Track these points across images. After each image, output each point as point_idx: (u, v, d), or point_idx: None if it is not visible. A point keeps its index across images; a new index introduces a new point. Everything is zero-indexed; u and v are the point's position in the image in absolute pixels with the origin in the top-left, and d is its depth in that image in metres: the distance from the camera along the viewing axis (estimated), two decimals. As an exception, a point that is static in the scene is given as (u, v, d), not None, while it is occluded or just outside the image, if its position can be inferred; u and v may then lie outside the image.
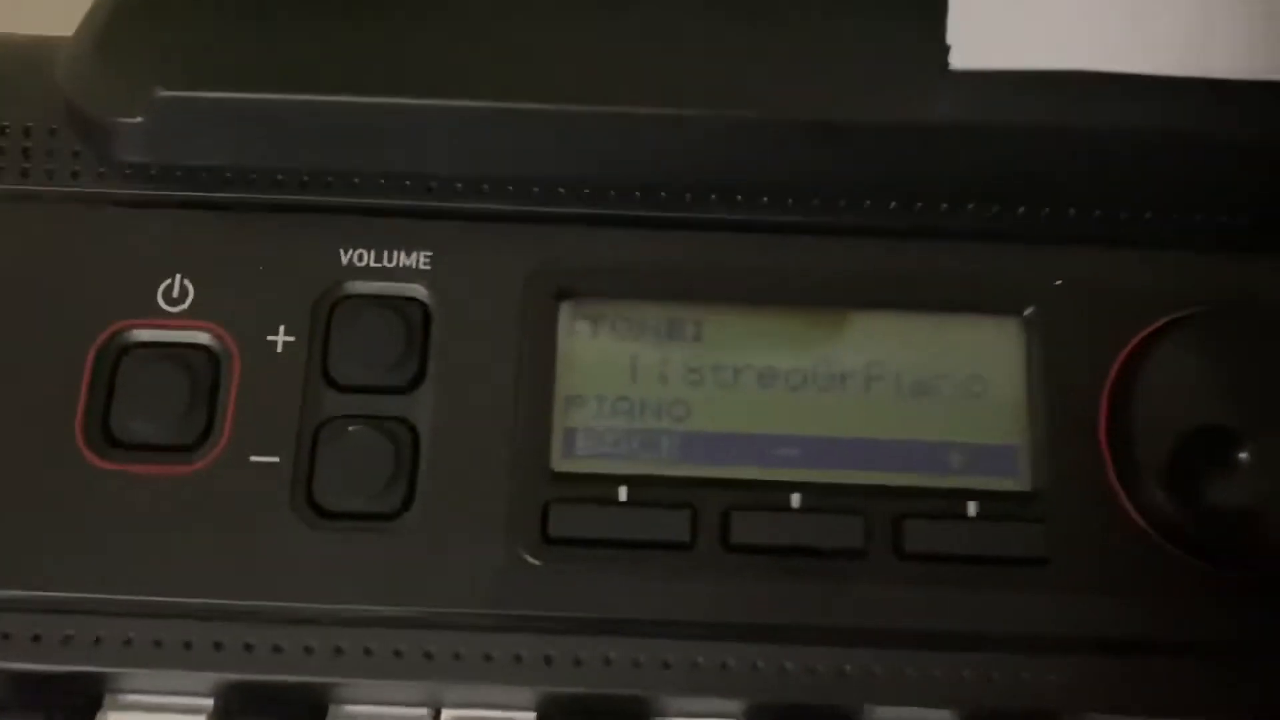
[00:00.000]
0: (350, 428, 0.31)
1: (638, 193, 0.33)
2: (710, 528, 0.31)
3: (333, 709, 0.32)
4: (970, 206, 0.33)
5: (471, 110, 0.32)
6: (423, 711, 0.32)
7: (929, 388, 0.33)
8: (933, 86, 0.32)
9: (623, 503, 0.31)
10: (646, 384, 0.33)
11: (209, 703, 0.31)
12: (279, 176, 0.33)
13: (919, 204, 0.34)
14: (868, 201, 0.34)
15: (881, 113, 0.32)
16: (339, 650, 0.30)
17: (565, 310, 0.33)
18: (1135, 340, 0.32)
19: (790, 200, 0.34)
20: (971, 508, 0.31)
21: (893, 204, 0.34)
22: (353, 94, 0.32)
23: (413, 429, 0.32)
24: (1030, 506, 0.31)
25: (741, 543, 0.31)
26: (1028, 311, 0.33)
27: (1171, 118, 0.32)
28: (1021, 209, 0.34)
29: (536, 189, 0.33)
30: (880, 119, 0.32)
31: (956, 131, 0.32)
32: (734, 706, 0.31)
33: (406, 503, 0.31)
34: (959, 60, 0.30)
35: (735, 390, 0.33)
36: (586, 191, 0.33)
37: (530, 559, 0.31)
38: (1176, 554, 0.31)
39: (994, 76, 0.32)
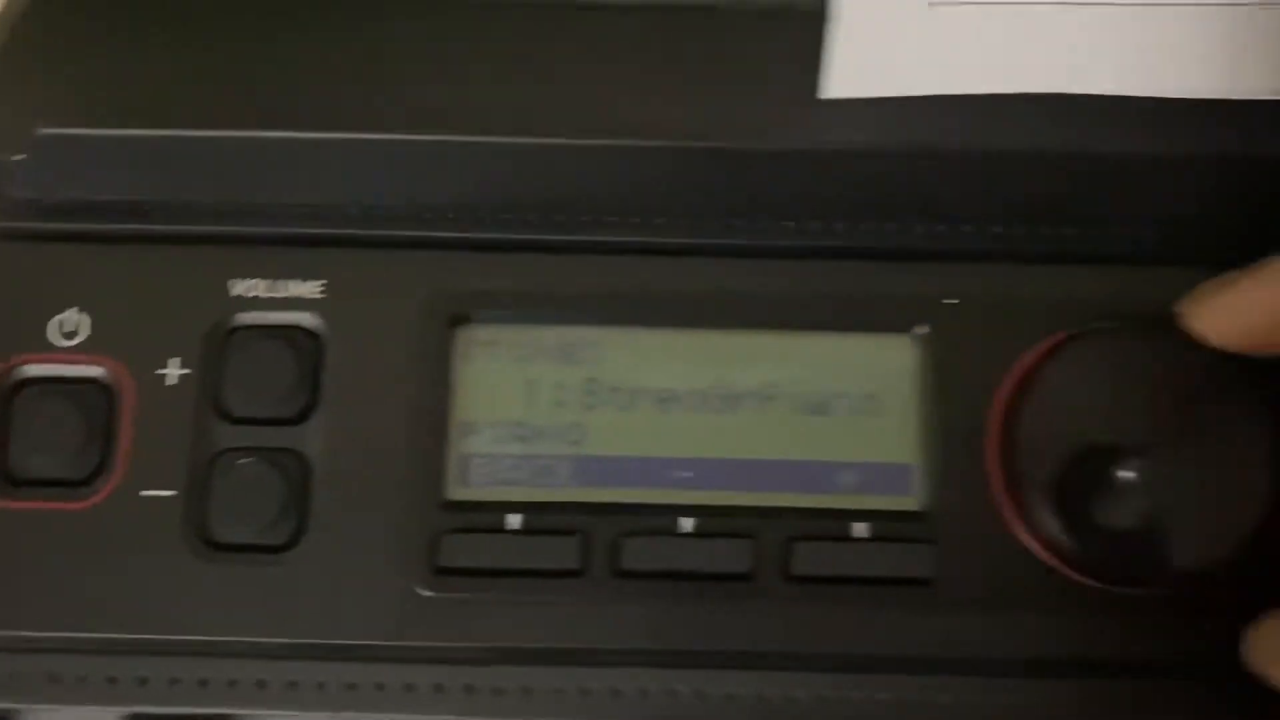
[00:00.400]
0: (240, 460, 0.32)
1: (533, 218, 0.33)
2: (601, 554, 0.31)
3: (234, 738, 0.32)
4: (866, 226, 0.33)
5: (362, 142, 0.32)
6: (325, 741, 0.32)
7: (824, 408, 0.33)
8: (824, 111, 0.32)
9: (514, 531, 0.31)
10: (543, 409, 0.33)
11: (112, 734, 0.32)
12: (171, 209, 0.33)
13: (814, 225, 0.33)
14: (762, 223, 0.34)
15: (774, 139, 0.32)
16: (233, 683, 0.31)
17: (460, 336, 0.33)
18: (1027, 359, 0.32)
19: (686, 223, 0.34)
20: (861, 528, 0.31)
21: (788, 225, 0.33)
22: (240, 129, 0.32)
23: (304, 460, 0.32)
24: (921, 526, 0.32)
25: (632, 569, 0.31)
26: (920, 330, 0.33)
27: (1060, 136, 0.32)
28: (918, 228, 0.33)
29: (430, 215, 0.33)
30: (772, 145, 0.32)
31: (848, 156, 0.32)
32: (629, 732, 0.32)
33: (298, 535, 0.31)
34: (834, 89, 0.30)
35: (632, 414, 0.33)
36: (481, 217, 0.33)
37: (421, 590, 0.31)
38: (1066, 574, 0.31)
39: (885, 101, 0.32)
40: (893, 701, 0.31)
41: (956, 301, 0.33)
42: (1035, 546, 0.31)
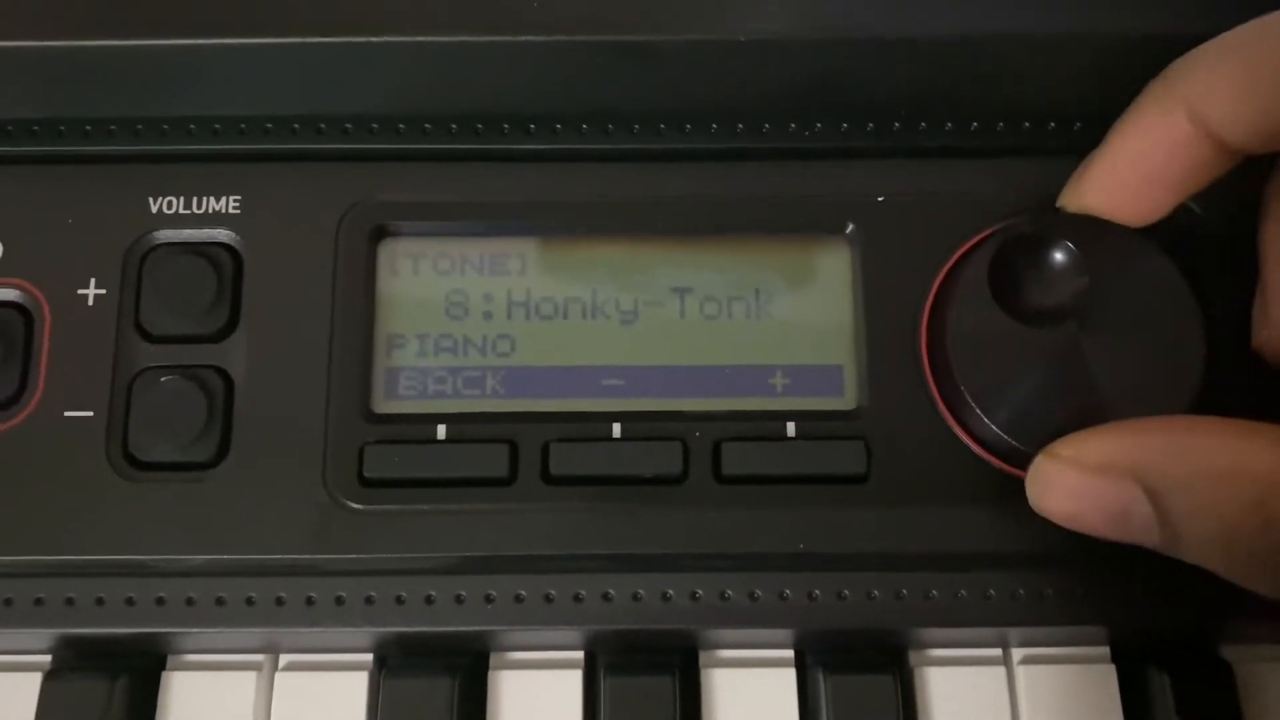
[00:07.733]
0: (162, 378, 0.31)
1: (454, 126, 0.33)
2: (531, 461, 0.31)
3: (172, 658, 0.32)
4: (793, 126, 0.33)
5: (276, 47, 0.31)
6: (261, 658, 0.32)
7: (754, 311, 0.33)
8: (746, 2, 0.32)
9: (440, 441, 0.31)
10: (470, 321, 0.33)
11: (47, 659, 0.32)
12: (87, 127, 0.33)
13: (740, 126, 0.33)
14: (688, 125, 0.33)
15: (694, 30, 0.32)
16: (161, 600, 0.30)
17: (384, 249, 0.33)
18: (956, 255, 0.32)
19: (611, 127, 0.33)
20: (790, 428, 0.31)
21: (714, 127, 0.33)
22: (152, 37, 0.31)
23: (226, 377, 0.31)
24: (852, 424, 0.31)
25: (561, 474, 0.31)
26: (849, 229, 0.33)
27: (984, 22, 0.31)
28: (845, 125, 0.33)
29: (350, 126, 0.33)
30: (692, 36, 0.32)
31: (770, 47, 0.32)
32: (571, 637, 0.31)
33: (222, 451, 0.31)
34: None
35: (561, 323, 0.33)
36: (402, 127, 0.33)
37: (349, 502, 0.31)
38: (997, 467, 0.31)
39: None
40: (829, 598, 0.30)
41: (886, 199, 0.32)
42: (967, 441, 0.31)
